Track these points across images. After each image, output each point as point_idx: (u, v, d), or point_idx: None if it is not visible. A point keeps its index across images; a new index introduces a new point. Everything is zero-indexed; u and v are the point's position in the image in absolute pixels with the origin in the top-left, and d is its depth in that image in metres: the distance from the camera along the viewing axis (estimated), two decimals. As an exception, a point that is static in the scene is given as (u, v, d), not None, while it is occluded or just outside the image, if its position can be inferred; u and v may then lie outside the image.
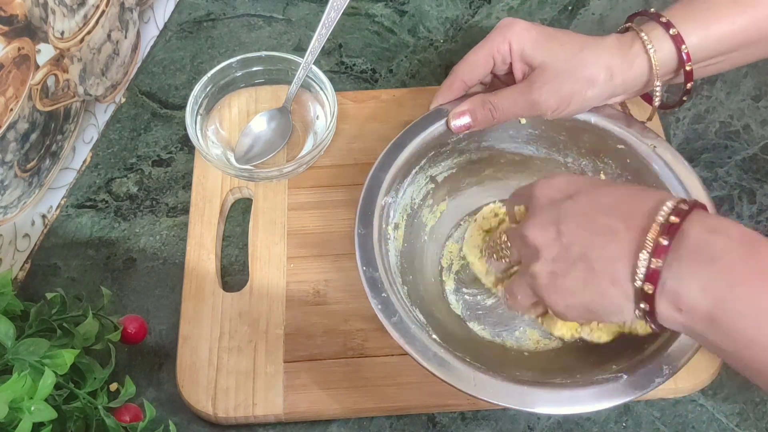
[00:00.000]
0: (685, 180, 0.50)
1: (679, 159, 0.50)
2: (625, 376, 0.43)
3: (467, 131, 0.52)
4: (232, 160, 0.59)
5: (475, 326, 0.53)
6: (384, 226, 0.50)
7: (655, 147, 0.51)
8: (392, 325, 0.45)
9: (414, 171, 0.53)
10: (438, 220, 0.56)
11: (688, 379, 0.49)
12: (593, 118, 0.52)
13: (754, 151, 0.61)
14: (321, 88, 0.59)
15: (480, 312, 0.53)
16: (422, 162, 0.53)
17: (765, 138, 0.62)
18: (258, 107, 0.62)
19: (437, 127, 0.52)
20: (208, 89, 0.59)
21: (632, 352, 0.45)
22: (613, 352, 0.46)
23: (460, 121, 0.51)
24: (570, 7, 0.71)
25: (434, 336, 0.46)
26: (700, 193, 0.49)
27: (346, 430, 0.50)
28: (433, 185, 0.55)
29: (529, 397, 0.43)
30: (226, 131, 0.61)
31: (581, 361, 0.48)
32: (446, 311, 0.53)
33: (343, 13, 0.56)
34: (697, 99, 0.64)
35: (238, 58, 0.60)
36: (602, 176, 0.54)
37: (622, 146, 0.52)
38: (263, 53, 0.60)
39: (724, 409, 0.50)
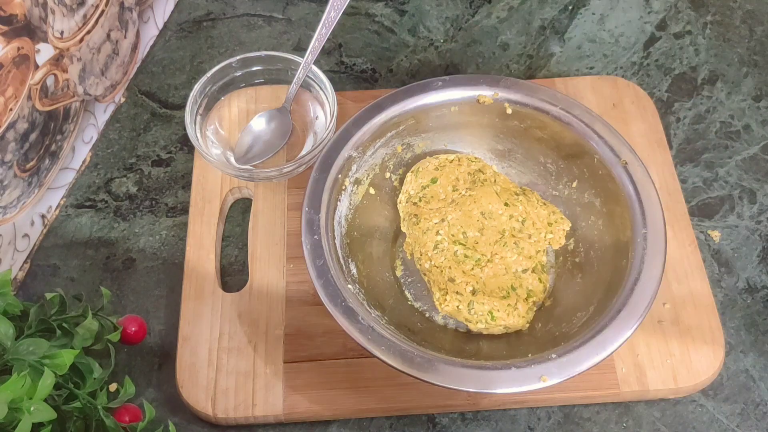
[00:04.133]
0: (647, 204, 0.49)
1: (648, 180, 0.50)
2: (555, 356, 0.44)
3: None
4: (232, 160, 0.59)
5: (409, 295, 0.53)
6: (341, 176, 0.51)
7: (626, 163, 0.50)
8: (315, 267, 0.46)
9: (390, 134, 0.54)
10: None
11: (688, 379, 0.49)
12: (575, 123, 0.52)
13: (754, 151, 0.61)
14: (321, 88, 0.59)
15: (419, 284, 0.54)
16: (400, 128, 0.54)
17: (765, 138, 0.62)
18: (258, 107, 0.61)
19: (422, 98, 0.53)
20: (207, 89, 0.59)
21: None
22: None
23: None
24: (570, 7, 0.71)
25: (361, 294, 0.48)
26: (657, 216, 0.49)
27: (346, 431, 0.50)
28: (410, 154, 0.55)
29: (486, 380, 0.43)
30: (226, 131, 0.60)
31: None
32: (387, 272, 0.54)
33: (343, 13, 0.56)
34: (697, 99, 0.64)
35: (238, 57, 0.60)
36: (575, 184, 0.54)
37: (597, 157, 0.52)
38: (263, 53, 0.60)
39: (724, 410, 0.50)
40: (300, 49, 0.68)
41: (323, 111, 0.60)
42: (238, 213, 0.59)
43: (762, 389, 0.51)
